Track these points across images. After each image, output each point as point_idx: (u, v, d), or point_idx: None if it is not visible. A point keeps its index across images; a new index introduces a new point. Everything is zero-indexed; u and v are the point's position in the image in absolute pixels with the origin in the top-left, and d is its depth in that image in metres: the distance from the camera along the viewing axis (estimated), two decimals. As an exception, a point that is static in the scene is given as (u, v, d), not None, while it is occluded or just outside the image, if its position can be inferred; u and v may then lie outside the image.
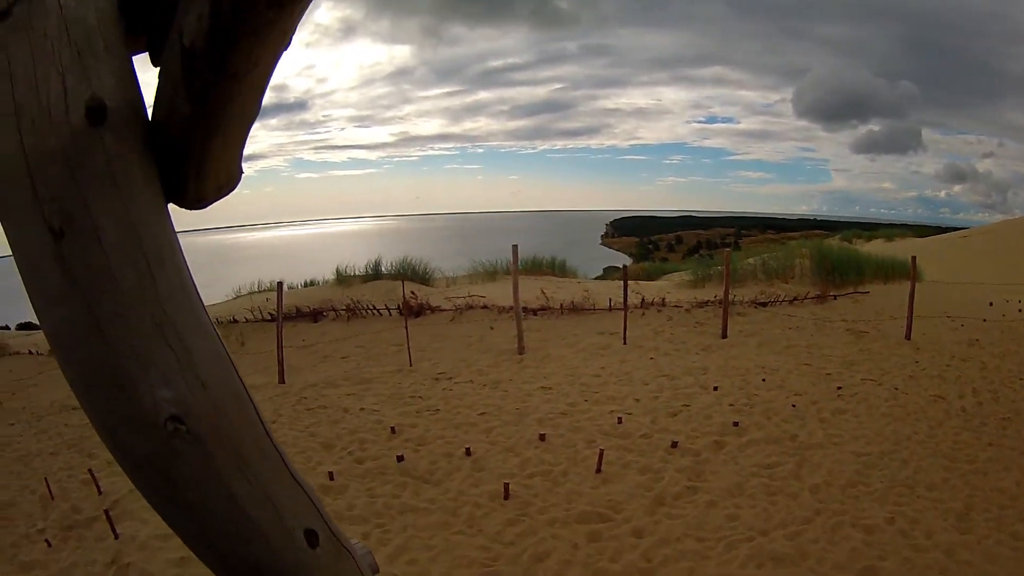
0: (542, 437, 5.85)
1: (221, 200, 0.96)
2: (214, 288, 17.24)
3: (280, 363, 8.98)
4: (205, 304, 0.90)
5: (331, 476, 5.38)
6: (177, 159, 0.85)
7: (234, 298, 15.96)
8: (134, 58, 0.87)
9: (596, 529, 4.38)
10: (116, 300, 0.79)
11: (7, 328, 20.13)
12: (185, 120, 0.80)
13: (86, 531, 5.11)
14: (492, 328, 10.86)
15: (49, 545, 4.93)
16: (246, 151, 0.95)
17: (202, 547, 0.94)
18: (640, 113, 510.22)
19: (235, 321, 12.79)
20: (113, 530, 4.88)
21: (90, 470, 5.81)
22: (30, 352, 13.14)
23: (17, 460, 6.94)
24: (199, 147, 0.84)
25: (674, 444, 5.52)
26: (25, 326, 22.62)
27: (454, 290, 13.78)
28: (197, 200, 0.90)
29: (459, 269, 16.75)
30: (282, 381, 8.84)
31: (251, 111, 0.85)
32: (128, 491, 5.58)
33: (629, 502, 4.69)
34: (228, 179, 0.92)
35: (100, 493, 5.63)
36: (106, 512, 4.98)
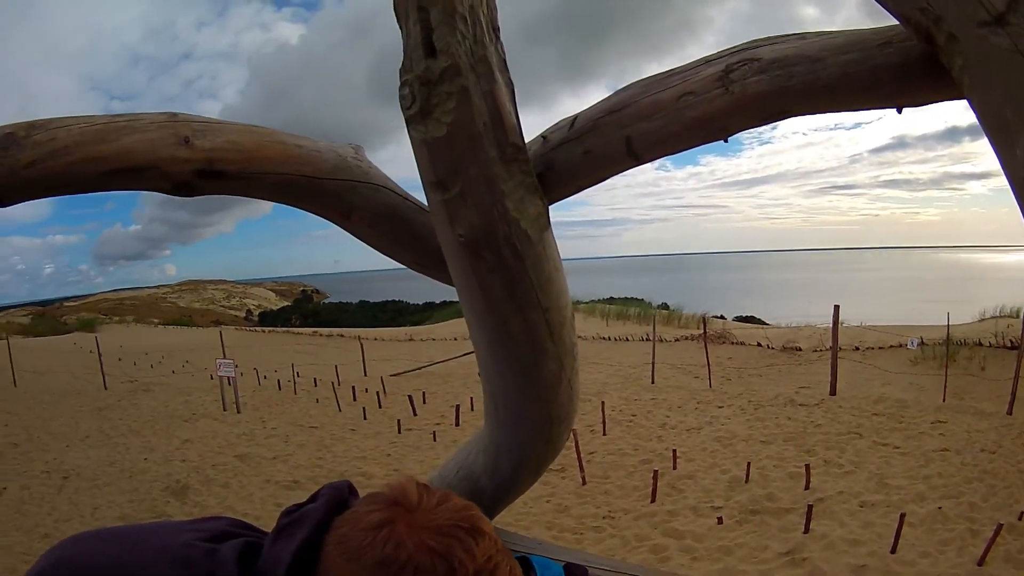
0: None
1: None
2: (961, 307, 17.55)
3: (1012, 393, 8.46)
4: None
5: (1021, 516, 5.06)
6: None
7: (979, 320, 15.89)
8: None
9: None
10: None
11: (722, 317, 22.89)
12: None
13: (772, 519, 5.34)
14: None
15: (720, 522, 5.30)
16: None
17: None
18: None
19: (979, 344, 12.61)
20: (807, 525, 4.98)
21: (807, 466, 6.07)
22: (758, 344, 14.77)
23: (716, 439, 7.76)
24: None
25: None
26: (745, 319, 25.73)
27: None
28: None
29: None
30: (1010, 412, 8.37)
31: None
32: (836, 493, 5.74)
33: None
34: None
35: (807, 488, 5.84)
36: (808, 507, 5.08)
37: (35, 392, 13.89)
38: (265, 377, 15.30)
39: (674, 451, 6.88)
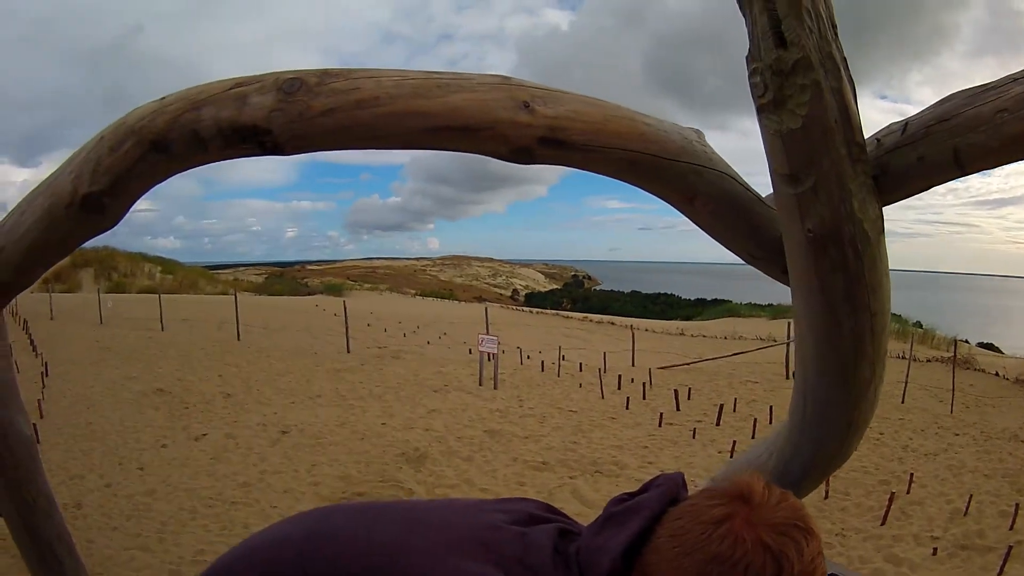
0: None
1: None
2: None
3: None
4: None
5: None
6: None
7: None
8: None
9: None
10: None
11: (967, 342, 21.27)
12: None
13: (976, 556, 5.24)
14: None
15: (934, 553, 5.27)
16: None
17: None
18: None
19: None
20: (1001, 567, 4.92)
21: (1016, 504, 5.94)
22: (996, 374, 14.05)
23: (948, 467, 7.57)
24: None
25: None
26: (986, 345, 23.94)
27: None
28: None
29: None
30: None
31: None
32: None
33: None
34: None
35: (1011, 528, 5.72)
36: (1009, 548, 5.03)
37: (262, 348, 14.02)
38: (528, 357, 14.79)
39: (911, 475, 6.82)
